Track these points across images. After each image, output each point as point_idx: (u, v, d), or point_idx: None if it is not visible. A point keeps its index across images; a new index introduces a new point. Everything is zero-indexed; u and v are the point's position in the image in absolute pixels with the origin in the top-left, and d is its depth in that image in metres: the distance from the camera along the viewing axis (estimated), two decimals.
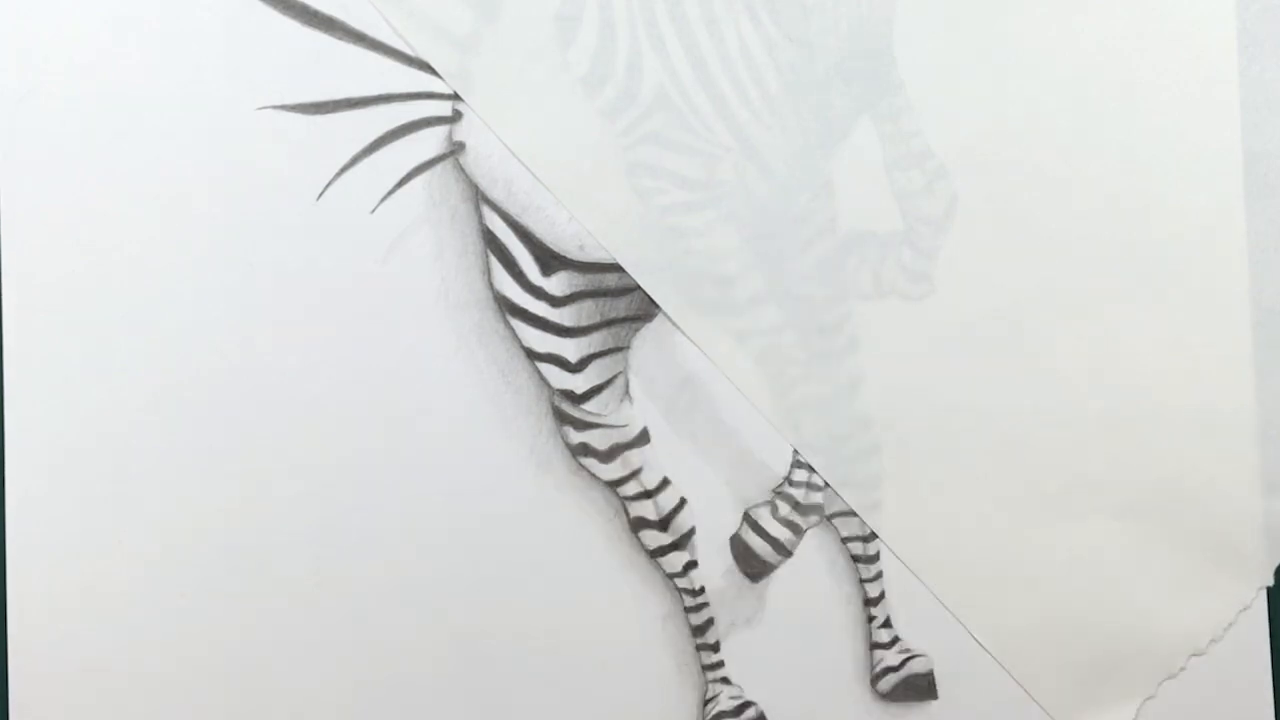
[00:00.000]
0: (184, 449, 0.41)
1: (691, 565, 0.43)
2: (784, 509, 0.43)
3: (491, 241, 0.42)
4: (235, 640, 0.41)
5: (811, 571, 0.44)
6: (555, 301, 0.42)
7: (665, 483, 0.43)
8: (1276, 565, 0.44)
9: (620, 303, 0.42)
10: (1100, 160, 0.44)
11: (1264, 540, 0.43)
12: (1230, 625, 0.43)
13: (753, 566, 0.43)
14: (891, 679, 0.44)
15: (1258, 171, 0.43)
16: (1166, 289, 0.43)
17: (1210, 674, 0.42)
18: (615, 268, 0.42)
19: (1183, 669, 0.43)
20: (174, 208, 0.41)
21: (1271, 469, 0.43)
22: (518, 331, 0.42)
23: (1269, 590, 0.44)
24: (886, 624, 0.44)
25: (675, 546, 0.43)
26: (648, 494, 0.43)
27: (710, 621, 0.43)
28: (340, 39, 0.41)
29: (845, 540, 0.44)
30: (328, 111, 0.41)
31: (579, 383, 0.43)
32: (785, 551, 0.43)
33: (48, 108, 0.40)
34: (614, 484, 0.43)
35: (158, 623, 0.41)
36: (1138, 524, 0.43)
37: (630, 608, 0.43)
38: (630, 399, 0.43)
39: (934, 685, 0.44)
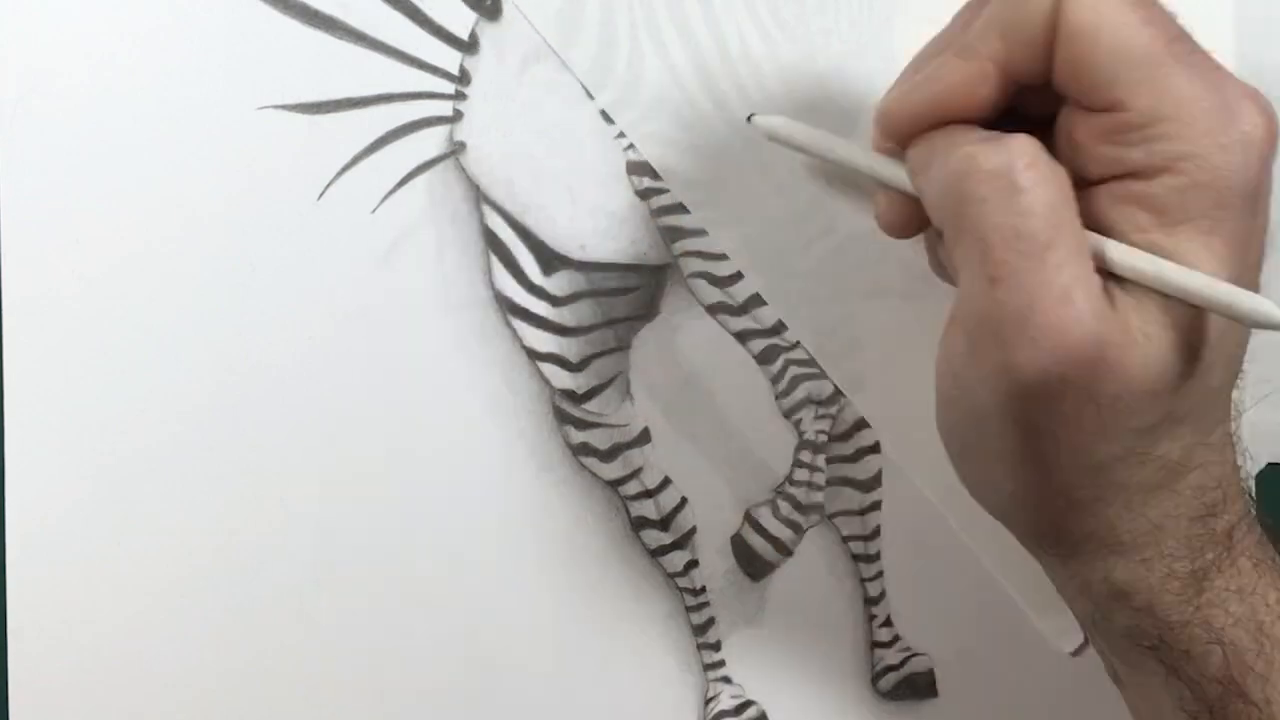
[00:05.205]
0: (183, 449, 0.41)
1: (692, 564, 0.43)
2: (785, 508, 0.43)
3: (492, 241, 0.42)
4: (235, 640, 0.41)
5: (812, 571, 0.44)
6: (556, 301, 0.42)
7: (666, 482, 0.43)
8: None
9: (621, 302, 0.42)
10: None
11: None
12: None
13: (754, 566, 0.43)
14: (892, 678, 0.44)
15: None
16: None
17: None
18: (616, 267, 0.42)
19: None
20: (174, 208, 0.41)
21: None
22: (519, 331, 0.42)
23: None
24: (887, 623, 0.44)
25: (676, 546, 0.43)
26: (648, 493, 0.43)
27: (711, 621, 0.43)
28: (340, 39, 0.41)
29: (846, 539, 0.44)
30: (328, 111, 0.41)
31: (580, 382, 0.43)
32: (786, 551, 0.44)
33: (48, 108, 0.40)
34: (615, 483, 0.43)
35: (158, 623, 0.41)
36: None
37: (631, 607, 0.43)
38: (631, 398, 0.43)
39: (934, 684, 0.44)
